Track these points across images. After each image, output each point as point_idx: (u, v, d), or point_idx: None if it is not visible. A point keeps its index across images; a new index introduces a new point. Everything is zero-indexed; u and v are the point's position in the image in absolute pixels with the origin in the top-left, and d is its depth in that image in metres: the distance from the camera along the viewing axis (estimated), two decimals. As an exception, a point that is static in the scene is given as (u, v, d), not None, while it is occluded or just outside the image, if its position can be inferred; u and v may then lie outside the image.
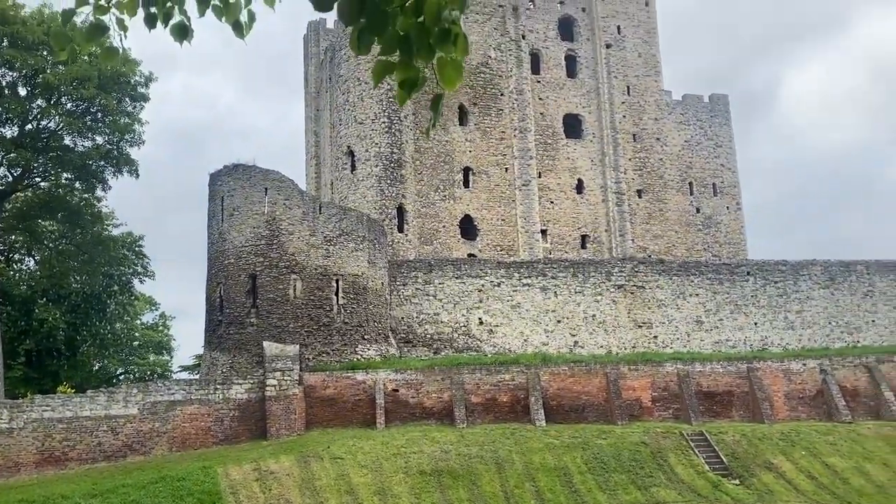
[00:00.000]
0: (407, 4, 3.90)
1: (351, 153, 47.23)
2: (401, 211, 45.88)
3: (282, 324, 32.79)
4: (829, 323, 40.32)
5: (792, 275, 40.68)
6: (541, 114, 51.67)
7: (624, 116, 52.81)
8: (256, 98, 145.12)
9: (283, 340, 32.13)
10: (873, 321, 40.68)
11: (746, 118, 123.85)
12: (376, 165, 45.63)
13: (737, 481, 27.51)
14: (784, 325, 40.04)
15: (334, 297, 33.85)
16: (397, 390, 32.03)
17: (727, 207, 53.49)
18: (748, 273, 40.71)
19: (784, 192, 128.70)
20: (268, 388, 30.38)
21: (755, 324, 39.93)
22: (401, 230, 45.53)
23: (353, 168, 46.86)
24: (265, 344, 31.54)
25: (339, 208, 36.90)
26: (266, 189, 34.12)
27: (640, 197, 52.10)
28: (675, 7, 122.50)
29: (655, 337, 39.34)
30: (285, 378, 30.66)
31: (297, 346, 31.82)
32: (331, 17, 58.60)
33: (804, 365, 35.34)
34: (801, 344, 39.53)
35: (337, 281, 34.07)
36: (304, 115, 58.54)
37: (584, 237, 50.87)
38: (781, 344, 39.49)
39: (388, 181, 45.54)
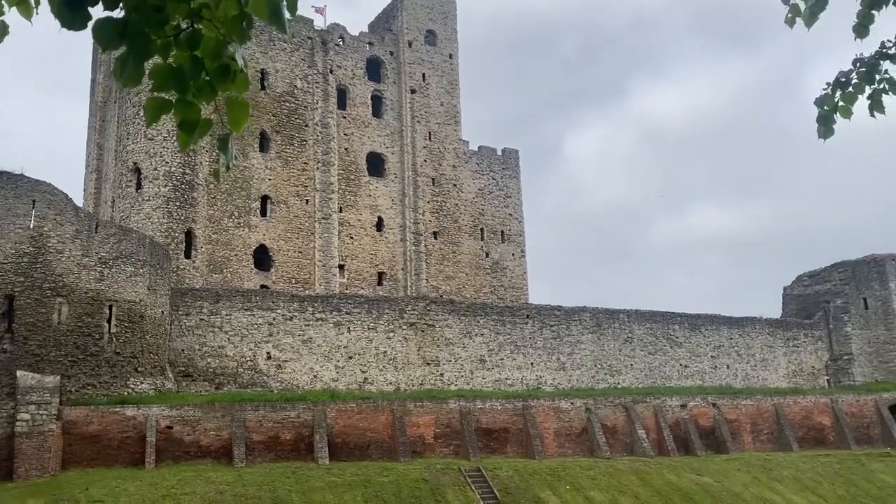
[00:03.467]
0: (180, 36, 3.55)
1: (137, 170, 44.19)
2: (189, 236, 43.57)
3: (41, 352, 29.43)
4: (595, 365, 44.06)
5: (565, 320, 44.06)
6: (345, 149, 52.00)
7: (425, 160, 54.68)
8: (23, 99, 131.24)
9: (42, 370, 28.84)
10: (632, 365, 45.08)
11: (535, 170, 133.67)
12: (165, 185, 43.07)
13: (508, 515, 28.83)
14: (557, 365, 43.11)
15: (106, 325, 31.09)
16: (171, 427, 29.94)
17: (513, 254, 56.99)
18: (528, 316, 43.46)
19: (564, 242, 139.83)
20: (18, 424, 27.01)
21: (532, 364, 42.58)
22: (188, 256, 43.18)
23: (139, 186, 43.85)
24: (19, 373, 28.09)
25: (118, 228, 34.20)
26: (34, 202, 30.75)
27: (435, 238, 53.94)
28: (476, 62, 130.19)
29: (442, 374, 40.53)
30: (41, 412, 27.46)
31: (58, 377, 28.70)
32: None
33: (572, 404, 38.21)
34: (571, 384, 42.75)
35: (110, 307, 31.36)
36: (88, 125, 53.96)
37: (381, 274, 51.52)
38: (553, 383, 42.43)
39: (178, 203, 43.14)
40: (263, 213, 47.52)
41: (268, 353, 36.90)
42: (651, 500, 31.84)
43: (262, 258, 46.98)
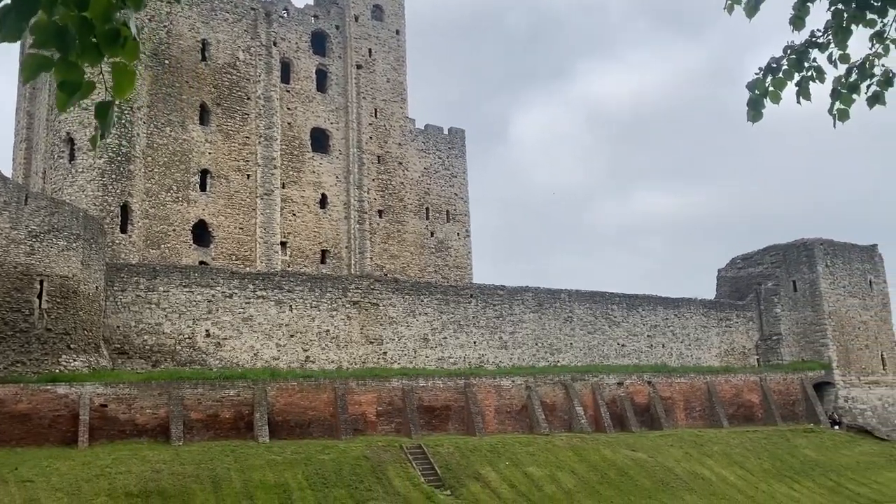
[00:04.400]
0: None
1: (71, 141, 42.54)
2: (125, 210, 42.32)
3: (-34, 328, 28.25)
4: (536, 344, 44.76)
5: (508, 299, 44.56)
6: (288, 124, 51.09)
7: (370, 137, 54.19)
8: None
9: (-34, 348, 27.71)
10: (571, 344, 45.96)
11: (481, 150, 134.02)
12: (100, 157, 41.62)
13: (448, 492, 29.22)
14: (499, 344, 43.63)
15: (36, 300, 30.01)
16: (106, 406, 29.23)
17: (458, 234, 57.17)
18: (471, 296, 43.79)
19: (508, 222, 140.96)
20: (-60, 403, 25.97)
21: (474, 343, 43.00)
22: (123, 230, 41.95)
23: (73, 158, 42.25)
24: (-59, 351, 26.96)
25: (50, 201, 32.93)
26: (-42, 171, 29.31)
27: (380, 217, 53.67)
28: (423, 40, 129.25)
29: (385, 353, 40.56)
30: (-35, 391, 26.44)
31: (-16, 355, 27.62)
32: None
33: (513, 382, 38.78)
34: (512, 362, 43.36)
35: (41, 282, 30.28)
36: (17, 93, 51.61)
37: (324, 252, 51.04)
38: (495, 362, 42.97)
39: (114, 176, 41.78)
40: (203, 187, 46.41)
41: (207, 330, 36.25)
42: (587, 475, 32.69)
43: (202, 234, 45.96)
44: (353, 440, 32.04)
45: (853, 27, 4.61)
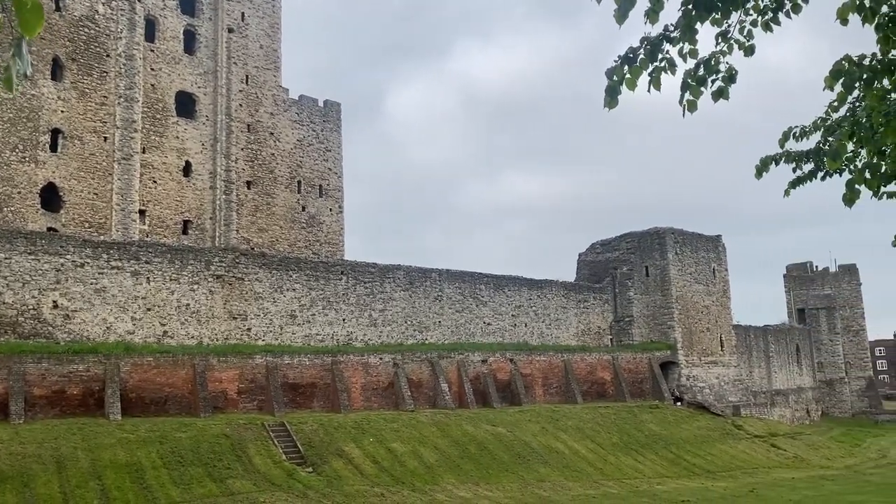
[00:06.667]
0: None
1: None
2: (-38, 168, 38.51)
3: None
4: (406, 322, 45.14)
5: (379, 277, 44.57)
6: (151, 85, 48.23)
7: (240, 105, 52.19)
8: None
9: None
10: (440, 322, 46.73)
11: (356, 124, 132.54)
12: (-68, 108, 37.56)
13: (310, 469, 29.03)
14: (368, 322, 43.62)
15: None
16: (-68, 381, 26.66)
17: (330, 209, 56.40)
18: (342, 272, 43.43)
19: (381, 199, 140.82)
20: None
21: (343, 320, 42.74)
22: (-41, 190, 38.18)
23: None
24: None
25: None
26: None
27: (249, 188, 51.95)
28: (300, 7, 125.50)
29: (249, 329, 39.48)
30: None
31: None
32: None
33: (381, 359, 38.96)
34: (381, 340, 43.52)
35: None
36: None
37: (186, 222, 48.81)
38: (364, 339, 42.95)
39: (-53, 130, 37.86)
40: (54, 148, 43.00)
41: (54, 301, 33.77)
42: (449, 449, 33.51)
43: (51, 198, 42.64)
44: (213, 418, 31.08)
45: (698, 25, 4.98)
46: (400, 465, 30.94)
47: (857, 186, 6.26)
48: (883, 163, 6.17)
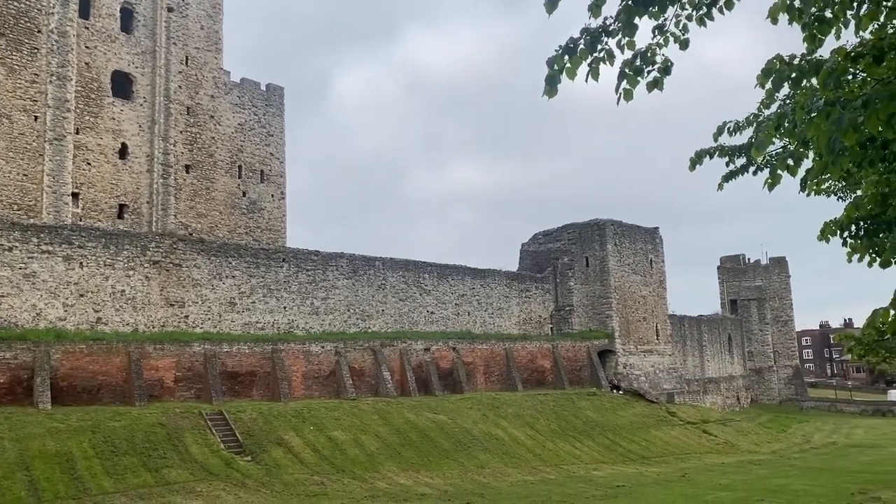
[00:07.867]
0: None
1: None
2: None
3: None
4: (349, 310, 44.90)
5: (322, 265, 44.17)
6: (86, 64, 46.50)
7: (180, 87, 50.81)
8: None
9: None
10: (383, 310, 46.63)
11: (299, 109, 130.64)
12: None
13: (249, 458, 28.67)
14: (310, 310, 43.21)
15: None
16: None
17: (272, 195, 55.53)
18: (284, 260, 42.87)
19: (325, 186, 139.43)
20: None
21: (285, 308, 42.23)
22: None
23: None
24: None
25: None
26: None
27: (187, 172, 50.70)
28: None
29: (187, 316, 38.64)
30: None
31: None
32: None
33: (322, 347, 38.68)
34: (323, 328, 43.17)
35: None
36: None
37: (122, 206, 47.36)
38: (306, 327, 42.55)
39: None
40: (-21, 126, 41.08)
41: (-21, 286, 32.38)
42: (390, 437, 33.57)
43: (-24, 178, 40.78)
44: (148, 406, 30.38)
45: (637, 20, 5.12)
46: (340, 454, 30.84)
47: (778, 172, 6.52)
48: (809, 152, 6.42)
